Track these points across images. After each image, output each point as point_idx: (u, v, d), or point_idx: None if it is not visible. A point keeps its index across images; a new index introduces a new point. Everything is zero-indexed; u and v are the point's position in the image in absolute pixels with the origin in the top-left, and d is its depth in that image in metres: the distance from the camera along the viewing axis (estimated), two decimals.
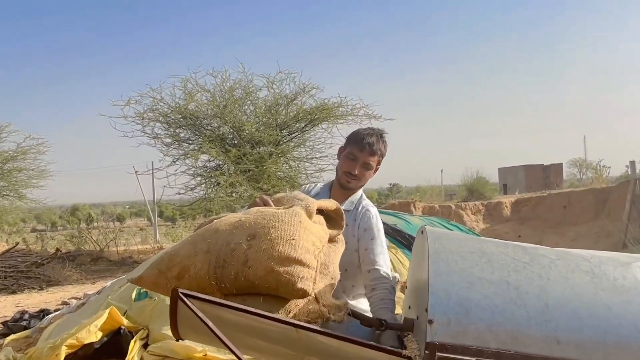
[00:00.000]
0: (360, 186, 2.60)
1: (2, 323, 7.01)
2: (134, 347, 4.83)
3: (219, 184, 11.58)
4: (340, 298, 2.34)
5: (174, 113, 12.02)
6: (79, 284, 11.09)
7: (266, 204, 2.05)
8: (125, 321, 5.19)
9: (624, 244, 13.37)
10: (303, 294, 1.66)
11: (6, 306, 8.67)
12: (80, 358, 4.90)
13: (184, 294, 1.52)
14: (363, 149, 2.50)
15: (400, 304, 2.60)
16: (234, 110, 12.06)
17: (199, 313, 1.49)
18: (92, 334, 4.94)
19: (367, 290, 2.45)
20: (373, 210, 2.60)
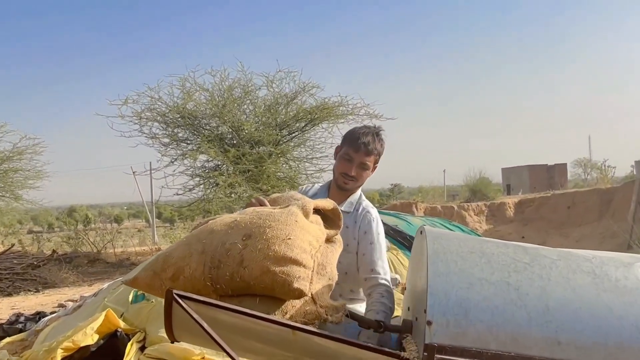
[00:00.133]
0: (357, 187, 2.59)
1: None
2: (130, 350, 4.82)
3: (217, 184, 11.58)
4: (339, 301, 2.34)
5: (172, 112, 12.02)
6: (75, 286, 11.08)
7: (262, 204, 2.04)
8: (121, 324, 5.18)
9: (629, 245, 13.36)
10: (299, 294, 1.66)
11: (2, 308, 8.67)
12: None
13: (178, 295, 1.52)
14: (359, 149, 2.47)
15: (400, 305, 2.60)
16: (232, 109, 12.06)
17: (193, 315, 1.49)
18: (88, 336, 4.94)
19: (366, 298, 2.45)
20: (374, 212, 2.59)
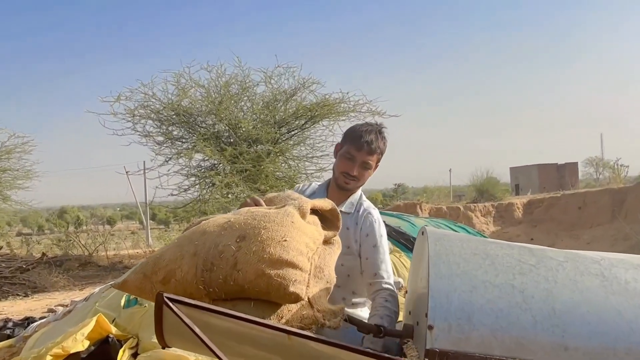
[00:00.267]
0: (358, 187, 2.58)
1: None
2: (122, 357, 4.82)
3: (214, 184, 11.58)
4: (339, 304, 2.34)
5: (166, 110, 12.01)
6: (66, 290, 11.08)
7: (257, 204, 2.04)
8: (113, 329, 5.18)
9: None
10: (295, 298, 1.66)
11: None
12: None
13: (169, 298, 1.51)
14: (361, 147, 2.46)
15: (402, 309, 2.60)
16: (229, 106, 12.05)
17: (185, 319, 1.49)
18: (78, 342, 4.93)
19: (370, 302, 2.46)
20: (375, 213, 2.58)
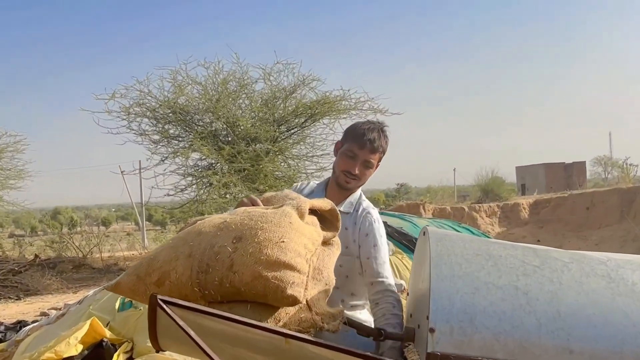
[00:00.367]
0: (359, 186, 2.58)
1: None
2: None
3: (211, 184, 11.58)
4: (338, 307, 2.34)
5: (162, 107, 12.02)
6: (59, 293, 11.09)
7: (254, 203, 2.04)
8: (107, 333, 5.19)
9: None
10: (293, 301, 1.65)
11: None
12: None
13: (163, 300, 1.52)
14: (364, 146, 2.44)
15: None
16: (227, 104, 12.06)
17: (179, 321, 1.49)
18: (72, 347, 4.94)
19: (371, 305, 2.45)
20: (375, 213, 2.58)
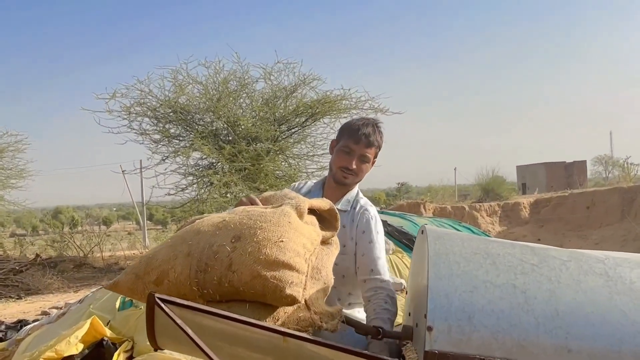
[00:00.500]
0: (357, 182, 2.58)
1: None
2: None
3: (212, 183, 11.58)
4: (336, 306, 2.34)
5: (163, 107, 12.02)
6: (60, 292, 11.10)
7: (253, 203, 2.04)
8: (108, 332, 5.19)
9: None
10: (292, 300, 1.65)
11: None
12: None
13: (161, 299, 1.52)
14: (359, 140, 2.47)
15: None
16: (228, 103, 12.05)
17: (177, 320, 1.49)
18: (72, 345, 4.94)
19: (364, 302, 2.44)
20: (372, 210, 2.58)
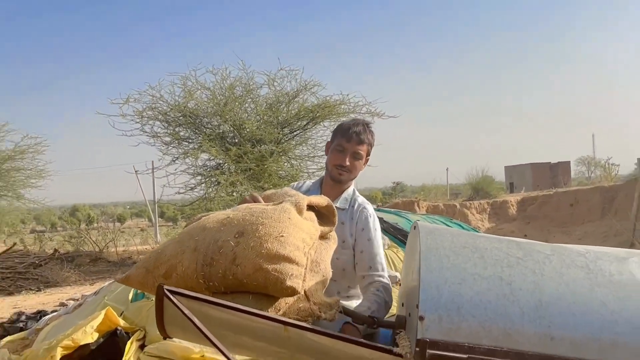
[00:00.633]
0: (351, 179, 2.58)
1: None
2: (130, 349, 4.83)
3: (219, 183, 11.58)
4: (334, 297, 2.34)
5: (173, 111, 12.02)
6: (77, 285, 11.10)
7: (255, 200, 2.04)
8: (121, 322, 5.19)
9: (632, 243, 13.31)
10: (292, 291, 1.65)
11: (3, 307, 8.69)
12: (76, 359, 4.92)
13: (169, 290, 1.52)
14: (350, 138, 2.48)
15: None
16: (234, 108, 12.05)
17: (184, 310, 1.49)
18: (88, 335, 4.95)
19: (362, 295, 2.45)
20: (370, 208, 2.59)
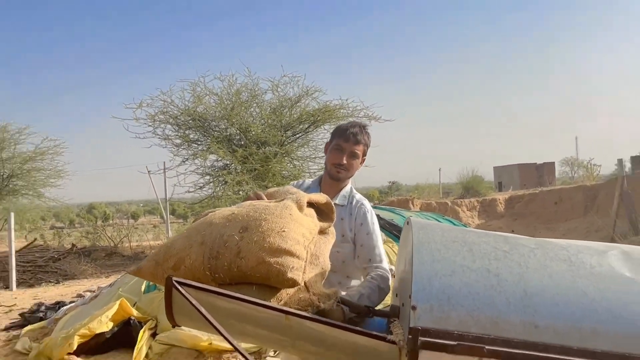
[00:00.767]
0: (349, 177, 2.59)
1: (20, 315, 7.04)
2: (143, 337, 4.84)
3: (226, 182, 11.60)
4: (335, 288, 2.34)
5: (183, 115, 12.06)
6: (93, 277, 11.12)
7: (259, 198, 2.04)
8: (134, 312, 5.20)
9: (612, 239, 13.31)
10: (293, 283, 1.65)
11: (24, 299, 8.70)
12: (92, 347, 4.92)
13: (178, 282, 1.51)
14: (348, 139, 2.50)
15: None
16: (240, 112, 12.08)
17: (192, 300, 1.48)
18: (103, 324, 4.96)
19: None
20: (367, 204, 2.59)
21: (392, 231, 6.04)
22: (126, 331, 5.06)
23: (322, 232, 1.99)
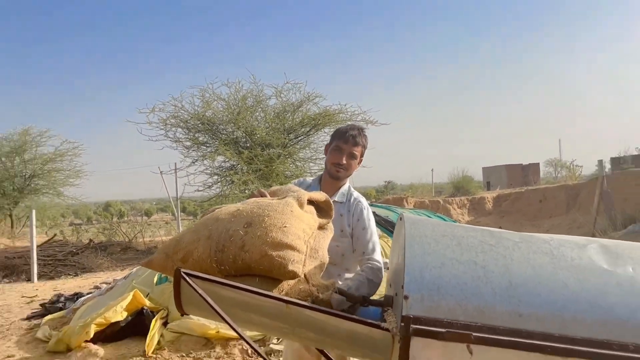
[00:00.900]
0: (347, 176, 2.59)
1: (40, 305, 7.05)
2: (155, 325, 4.84)
3: (233, 182, 11.60)
4: (332, 280, 2.34)
5: (193, 119, 12.07)
6: (109, 270, 11.12)
7: (262, 195, 2.04)
8: (147, 302, 5.20)
9: (593, 234, 13.29)
10: (293, 275, 1.66)
11: (45, 290, 8.71)
12: (108, 335, 4.93)
13: (186, 273, 1.52)
14: (347, 140, 2.51)
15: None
16: (246, 116, 12.09)
17: (199, 290, 1.49)
18: (118, 313, 4.96)
19: None
20: (364, 201, 2.60)
21: (387, 227, 6.03)
22: (139, 320, 5.06)
23: (321, 227, 1.99)
